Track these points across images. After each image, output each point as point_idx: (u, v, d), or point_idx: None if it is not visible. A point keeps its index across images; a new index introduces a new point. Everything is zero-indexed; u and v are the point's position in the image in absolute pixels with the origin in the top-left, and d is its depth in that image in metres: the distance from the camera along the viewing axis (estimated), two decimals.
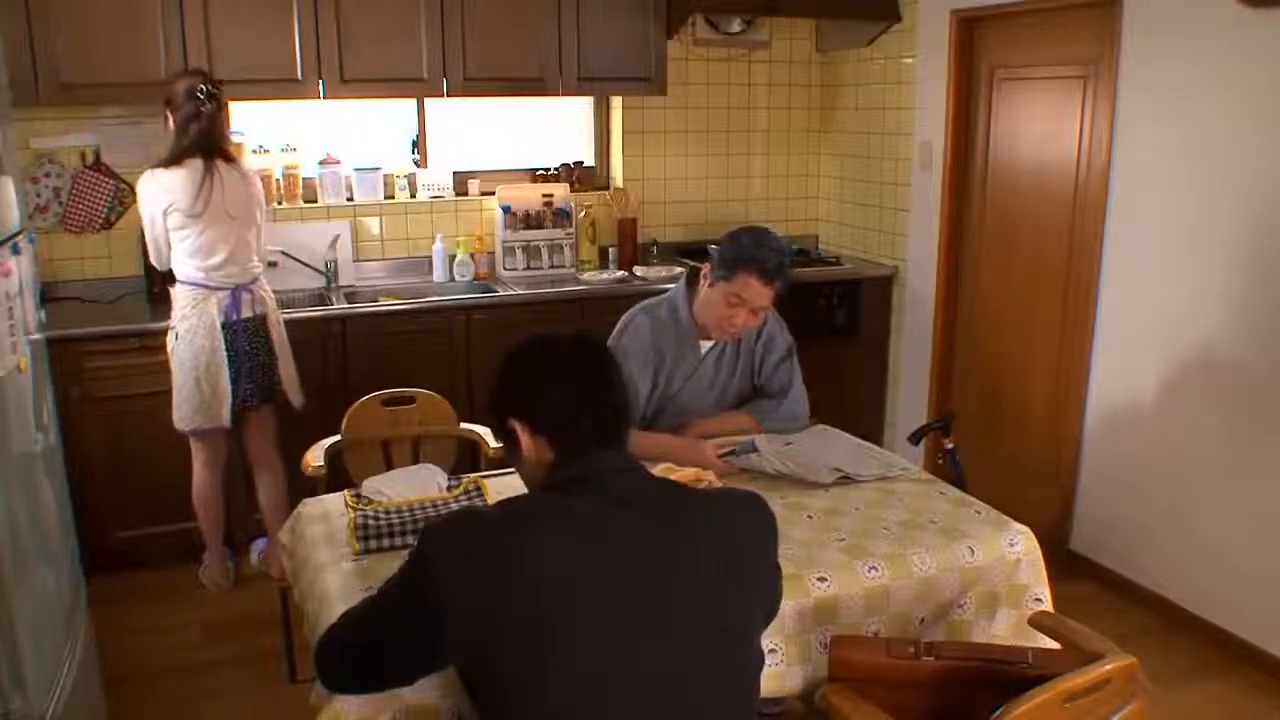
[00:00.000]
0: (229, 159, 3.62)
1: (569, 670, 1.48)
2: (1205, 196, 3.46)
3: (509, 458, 1.79)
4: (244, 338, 3.65)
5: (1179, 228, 3.57)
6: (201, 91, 3.49)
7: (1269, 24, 3.19)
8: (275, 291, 4.09)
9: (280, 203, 4.55)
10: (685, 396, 2.96)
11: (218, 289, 3.60)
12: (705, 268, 2.87)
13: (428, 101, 4.78)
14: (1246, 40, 3.26)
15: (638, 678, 1.51)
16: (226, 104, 3.62)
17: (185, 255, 3.58)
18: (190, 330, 3.57)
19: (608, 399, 1.70)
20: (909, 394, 5.02)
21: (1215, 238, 3.44)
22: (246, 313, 3.65)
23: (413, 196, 4.80)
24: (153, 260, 3.71)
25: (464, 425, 3.27)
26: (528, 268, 4.84)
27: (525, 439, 1.69)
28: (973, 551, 2.30)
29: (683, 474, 2.44)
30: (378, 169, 4.72)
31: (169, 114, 3.57)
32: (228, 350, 3.60)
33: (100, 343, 3.82)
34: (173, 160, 3.53)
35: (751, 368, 3.04)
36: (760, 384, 3.05)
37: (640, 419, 2.87)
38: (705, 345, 2.97)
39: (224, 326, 3.59)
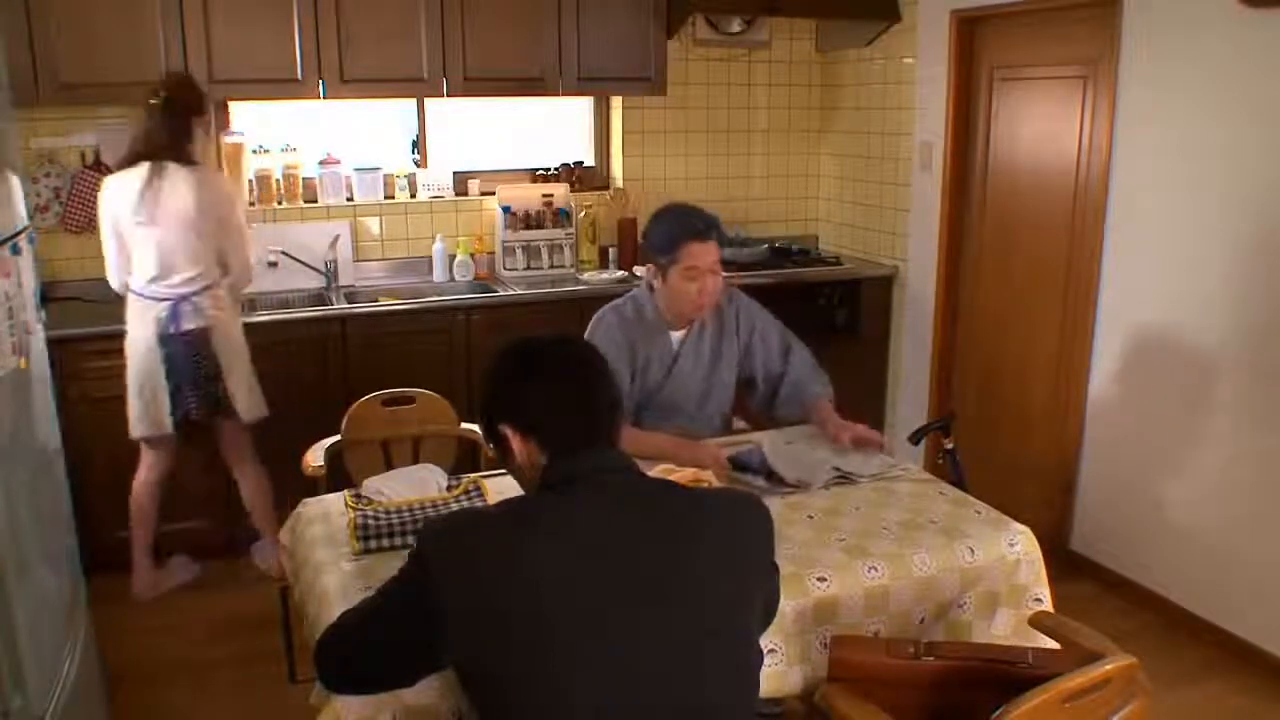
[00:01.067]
0: (188, 163, 3.52)
1: (568, 671, 1.48)
2: (1205, 196, 3.46)
3: (502, 461, 1.79)
4: (183, 351, 3.57)
5: (1179, 227, 3.57)
6: (154, 95, 3.48)
7: (1269, 24, 3.19)
8: (275, 292, 4.09)
9: (280, 203, 4.56)
10: (669, 391, 2.99)
11: (157, 300, 3.55)
12: (648, 272, 2.94)
13: (428, 101, 4.77)
14: (1247, 40, 3.26)
15: (637, 678, 1.51)
16: (196, 108, 3.56)
17: (125, 266, 3.59)
18: (133, 341, 3.58)
19: (596, 398, 1.69)
20: (909, 394, 5.02)
21: (1215, 237, 3.44)
22: (187, 325, 3.56)
23: (413, 196, 4.80)
24: (111, 278, 3.65)
25: (464, 425, 3.27)
26: (528, 268, 4.84)
27: (516, 442, 1.69)
28: (973, 551, 2.30)
29: (681, 474, 2.43)
30: (378, 169, 4.72)
31: None
32: (165, 363, 3.56)
33: (100, 343, 3.81)
34: (119, 166, 3.53)
35: (735, 358, 3.06)
36: (771, 373, 3.06)
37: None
38: (675, 336, 2.99)
39: (161, 339, 3.55)
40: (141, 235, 3.51)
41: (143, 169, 3.48)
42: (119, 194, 3.50)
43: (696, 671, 1.54)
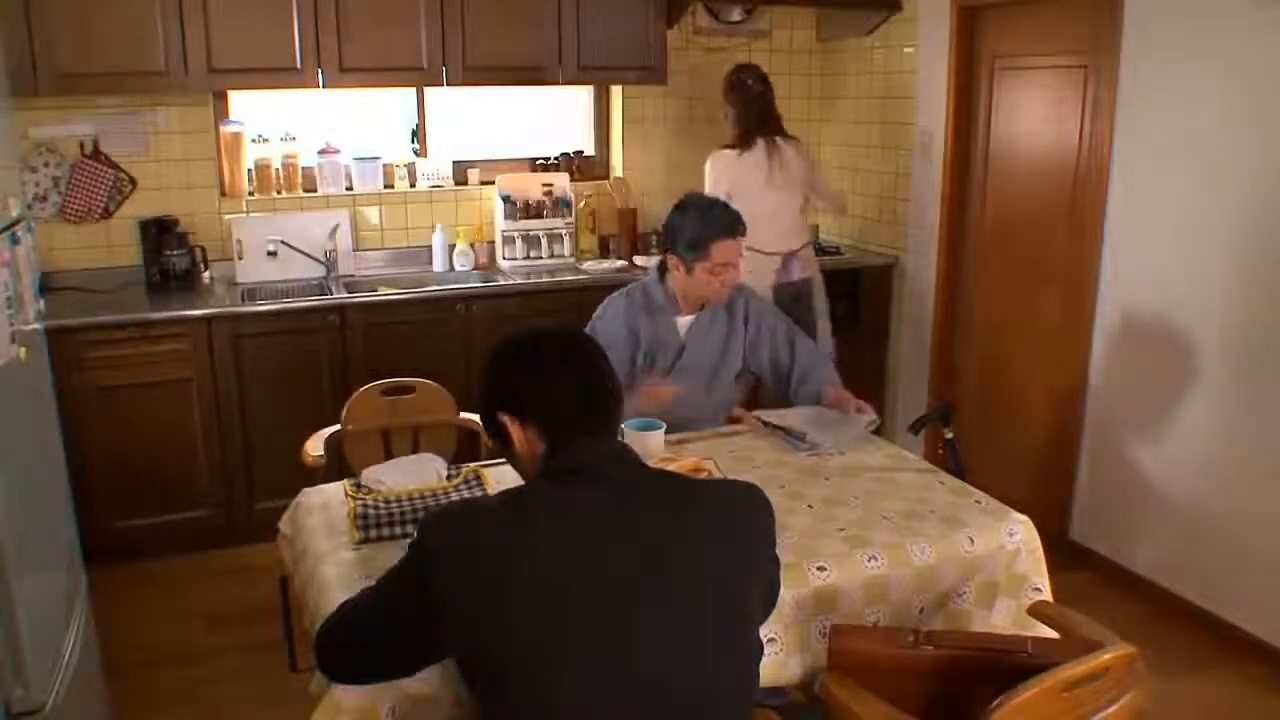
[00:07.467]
0: (788, 136, 4.33)
1: (568, 664, 1.48)
2: (1206, 185, 3.45)
3: (502, 453, 1.79)
4: (791, 297, 4.23)
5: (1180, 216, 3.56)
6: (748, 81, 4.26)
7: (1270, 12, 3.18)
8: (274, 281, 4.08)
9: (279, 192, 4.55)
10: (676, 377, 3.03)
11: (769, 254, 4.21)
12: (669, 260, 2.98)
13: (427, 90, 4.76)
14: (1247, 28, 3.25)
15: (637, 671, 1.51)
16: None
17: None
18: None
19: (595, 388, 1.69)
20: (909, 384, 5.02)
21: (1216, 226, 3.44)
22: (797, 275, 4.31)
23: (412, 186, 4.79)
24: None
25: (463, 415, 3.27)
26: (527, 257, 4.83)
27: (516, 432, 1.69)
28: (972, 541, 2.30)
29: (681, 464, 2.44)
30: (377, 158, 4.71)
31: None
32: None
33: (99, 332, 3.82)
34: (736, 143, 4.27)
35: (741, 350, 3.11)
36: (780, 365, 3.10)
37: None
38: (683, 323, 3.04)
39: (774, 289, 4.22)
40: (760, 199, 4.08)
41: (759, 143, 4.23)
42: (741, 165, 4.21)
43: (697, 665, 1.54)
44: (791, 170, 4.29)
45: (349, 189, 4.68)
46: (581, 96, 5.20)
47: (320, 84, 4.19)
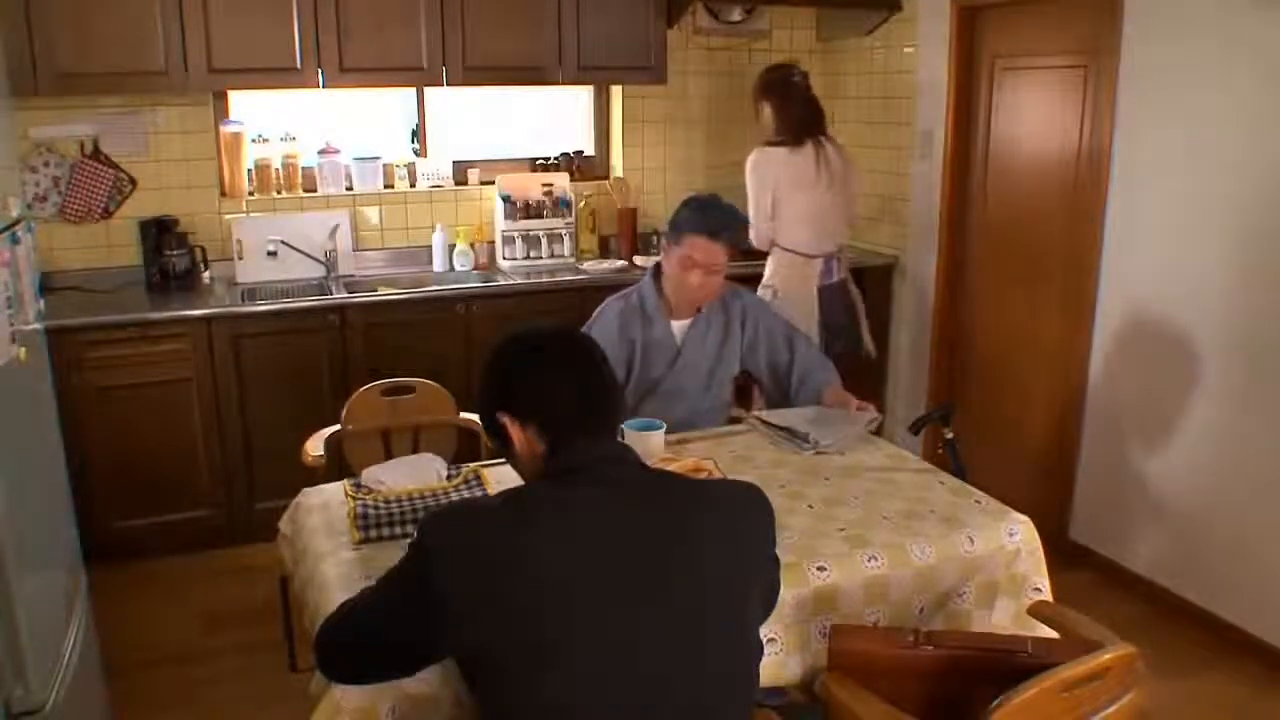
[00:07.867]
0: (830, 138, 4.22)
1: (568, 664, 1.48)
2: (1206, 186, 3.45)
3: (502, 453, 1.78)
4: (834, 298, 4.21)
5: (1180, 216, 3.56)
6: (791, 79, 4.17)
7: (1269, 12, 3.18)
8: (274, 281, 4.05)
9: (279, 192, 4.55)
10: (672, 381, 3.04)
11: (812, 256, 4.17)
12: (664, 242, 3.02)
13: (427, 90, 4.76)
14: (1247, 28, 3.25)
15: (637, 671, 1.51)
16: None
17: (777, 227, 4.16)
18: (789, 292, 4.08)
19: (595, 388, 1.70)
20: (909, 384, 5.02)
21: (1216, 226, 3.44)
22: (838, 276, 4.26)
23: (412, 186, 4.79)
24: (759, 238, 4.18)
25: (463, 415, 3.27)
26: (527, 257, 4.83)
27: (515, 432, 1.69)
28: (972, 541, 2.30)
29: (681, 464, 2.44)
30: (377, 158, 4.71)
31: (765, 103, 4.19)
32: (820, 309, 4.16)
33: (99, 332, 3.82)
34: (783, 141, 4.14)
35: (738, 352, 3.11)
36: (778, 365, 3.10)
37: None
38: (679, 326, 3.05)
39: (819, 290, 4.17)
40: (807, 200, 4.12)
41: (808, 144, 4.12)
42: (792, 163, 4.10)
43: (697, 665, 1.54)
44: (835, 172, 4.19)
45: (349, 189, 4.68)
46: (581, 96, 5.20)
47: (320, 84, 4.19)
